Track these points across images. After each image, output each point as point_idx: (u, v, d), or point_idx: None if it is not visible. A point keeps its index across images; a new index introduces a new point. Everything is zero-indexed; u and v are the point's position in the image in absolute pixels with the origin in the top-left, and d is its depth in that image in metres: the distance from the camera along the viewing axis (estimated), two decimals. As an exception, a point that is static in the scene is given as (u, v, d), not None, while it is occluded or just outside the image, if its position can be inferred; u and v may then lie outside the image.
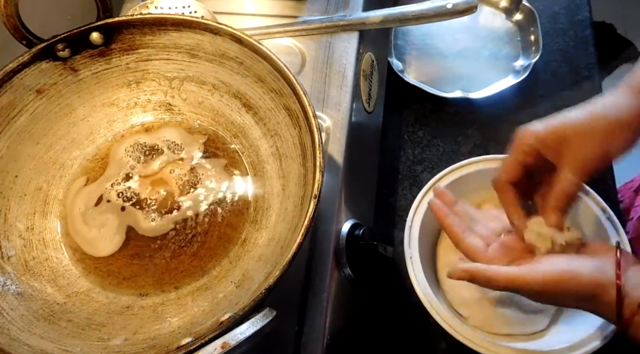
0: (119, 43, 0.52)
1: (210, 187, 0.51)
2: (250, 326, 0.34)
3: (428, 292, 0.52)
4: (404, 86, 0.74)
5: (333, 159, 0.53)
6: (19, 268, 0.46)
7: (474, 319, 0.54)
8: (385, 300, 0.62)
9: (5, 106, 0.48)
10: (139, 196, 0.51)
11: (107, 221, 0.50)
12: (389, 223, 0.67)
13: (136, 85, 0.54)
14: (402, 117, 0.75)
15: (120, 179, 0.52)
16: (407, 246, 0.54)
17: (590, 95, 0.72)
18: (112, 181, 0.52)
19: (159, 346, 0.42)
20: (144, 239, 0.49)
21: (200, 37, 0.51)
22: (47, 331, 0.43)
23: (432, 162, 0.71)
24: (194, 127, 0.54)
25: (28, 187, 0.50)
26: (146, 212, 0.50)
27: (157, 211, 0.50)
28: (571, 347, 0.48)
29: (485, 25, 0.81)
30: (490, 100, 0.72)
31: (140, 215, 0.50)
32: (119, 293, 0.47)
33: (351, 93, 0.57)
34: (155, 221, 0.49)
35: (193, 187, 0.51)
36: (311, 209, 0.39)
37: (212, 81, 0.53)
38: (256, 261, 0.46)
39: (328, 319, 0.47)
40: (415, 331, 0.60)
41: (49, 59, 0.49)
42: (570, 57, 0.77)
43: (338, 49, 0.61)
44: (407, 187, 0.70)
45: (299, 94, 0.45)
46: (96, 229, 0.50)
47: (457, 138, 0.73)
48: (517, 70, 0.75)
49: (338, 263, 0.50)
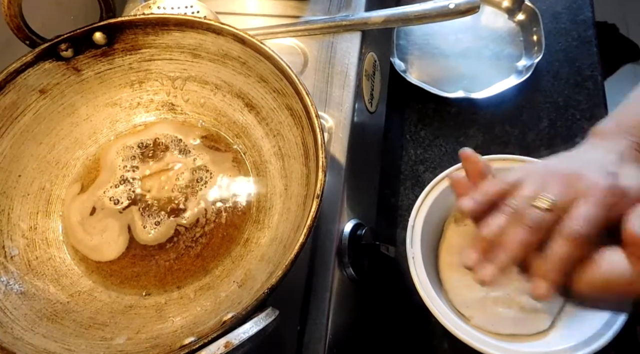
0: (121, 43, 0.52)
1: (212, 187, 0.51)
2: (253, 325, 0.34)
3: (430, 292, 0.52)
4: (406, 86, 0.75)
5: (335, 159, 0.53)
6: (22, 267, 0.47)
7: (476, 319, 0.54)
8: (388, 300, 0.62)
9: (9, 105, 0.48)
10: (139, 198, 0.51)
11: (107, 226, 0.50)
12: (391, 223, 0.67)
13: (139, 85, 0.54)
14: (404, 117, 0.75)
15: (118, 182, 0.52)
16: (410, 246, 0.54)
17: (593, 95, 0.73)
18: (108, 185, 0.51)
19: (162, 346, 0.42)
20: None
21: (202, 37, 0.51)
22: (50, 331, 0.43)
23: (435, 162, 0.71)
24: (197, 127, 0.54)
25: (31, 187, 0.50)
26: (145, 220, 0.50)
27: (157, 214, 0.50)
28: (574, 347, 0.48)
29: (488, 25, 0.81)
30: (493, 100, 0.72)
31: (139, 224, 0.50)
32: (121, 293, 0.47)
33: (353, 93, 0.57)
34: (155, 230, 0.49)
35: (195, 188, 0.51)
36: (314, 209, 0.39)
37: (215, 81, 0.53)
38: (259, 261, 0.46)
39: (330, 319, 0.47)
40: (417, 330, 0.60)
41: (52, 59, 0.49)
42: (573, 57, 0.77)
43: (340, 49, 0.61)
44: (410, 187, 0.70)
45: (302, 94, 0.45)
46: (98, 235, 0.50)
47: (459, 138, 0.73)
48: (520, 71, 0.75)
49: (340, 263, 0.50)
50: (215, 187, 0.51)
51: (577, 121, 0.72)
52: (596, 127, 0.45)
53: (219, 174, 0.52)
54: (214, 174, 0.52)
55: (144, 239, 0.49)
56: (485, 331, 0.53)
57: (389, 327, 0.60)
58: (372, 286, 0.57)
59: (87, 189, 0.52)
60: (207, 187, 0.51)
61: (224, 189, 0.51)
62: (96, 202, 0.51)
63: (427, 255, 0.56)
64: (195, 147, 0.53)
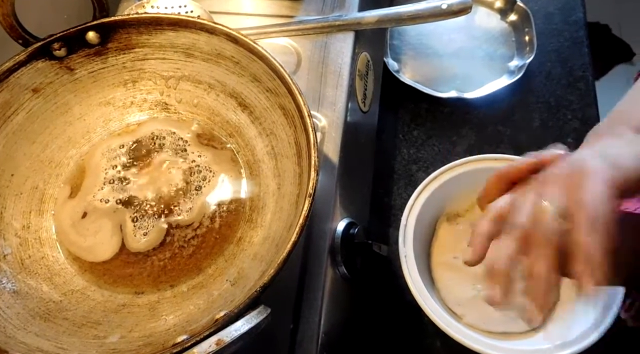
0: (115, 42, 0.52)
1: (205, 186, 0.51)
2: (245, 323, 0.35)
3: (422, 290, 0.52)
4: (399, 86, 0.75)
5: (328, 159, 0.53)
6: (15, 266, 0.47)
7: (468, 318, 0.55)
8: (380, 298, 0.62)
9: (2, 104, 0.48)
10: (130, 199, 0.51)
11: (101, 227, 0.50)
12: (384, 222, 0.67)
13: (132, 84, 0.54)
14: (397, 117, 0.75)
15: (108, 182, 0.52)
16: (402, 245, 0.54)
17: (584, 95, 0.74)
18: (96, 188, 0.51)
19: (155, 344, 0.42)
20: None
21: (196, 36, 0.51)
22: (43, 329, 0.43)
23: (427, 161, 0.72)
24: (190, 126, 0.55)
25: (24, 185, 0.50)
26: (137, 225, 0.49)
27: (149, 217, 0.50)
28: (566, 344, 0.48)
29: (480, 25, 0.82)
30: (485, 100, 0.73)
31: (131, 230, 0.49)
32: (114, 291, 0.47)
33: (347, 93, 0.58)
34: (145, 238, 0.49)
35: (188, 187, 0.51)
36: (306, 208, 0.40)
37: (208, 80, 0.54)
38: (251, 260, 0.47)
39: (323, 317, 0.47)
40: (409, 329, 0.60)
41: (45, 58, 0.49)
42: (565, 57, 0.78)
43: (334, 48, 0.61)
44: (403, 186, 0.70)
45: (294, 93, 0.45)
46: (91, 237, 0.50)
47: (452, 138, 0.73)
48: (512, 71, 0.75)
49: (333, 262, 0.50)
50: (208, 186, 0.51)
51: (569, 121, 0.72)
52: (590, 131, 0.45)
53: (212, 173, 0.52)
54: (206, 173, 0.52)
55: (135, 247, 0.49)
56: (477, 329, 0.54)
57: (382, 325, 0.61)
58: (364, 284, 0.58)
59: (77, 193, 0.51)
60: (199, 186, 0.51)
61: (217, 188, 0.51)
62: (87, 206, 0.51)
63: (420, 254, 0.56)
64: (188, 146, 0.53)
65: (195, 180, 0.51)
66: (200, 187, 0.51)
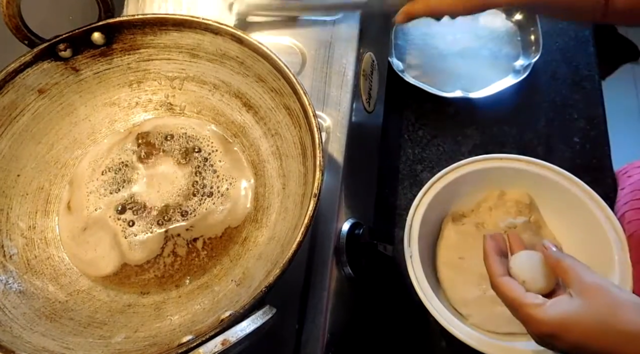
0: (120, 43, 0.52)
1: (211, 187, 0.51)
2: (250, 323, 0.35)
3: (428, 290, 0.52)
4: (404, 86, 0.75)
5: (333, 159, 0.53)
6: (21, 266, 0.47)
7: (474, 318, 0.55)
8: (385, 299, 0.62)
9: (7, 105, 0.48)
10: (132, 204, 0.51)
11: (100, 240, 0.49)
12: (389, 222, 0.67)
13: (137, 85, 0.55)
14: (402, 117, 0.75)
15: (109, 188, 0.51)
16: (407, 245, 0.54)
17: (590, 95, 0.74)
18: (100, 192, 0.51)
19: (160, 344, 0.42)
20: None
21: (201, 37, 0.51)
22: (49, 329, 0.43)
23: (432, 161, 0.72)
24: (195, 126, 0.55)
25: (30, 186, 0.50)
26: (132, 241, 0.49)
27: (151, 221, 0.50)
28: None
29: (486, 25, 0.82)
30: (490, 100, 0.72)
31: (127, 246, 0.49)
32: (120, 292, 0.47)
33: (351, 93, 0.57)
34: (144, 245, 0.49)
35: (193, 188, 0.51)
36: (311, 208, 0.40)
37: (213, 81, 0.54)
38: (256, 260, 0.47)
39: (328, 318, 0.47)
40: (415, 329, 0.60)
41: (50, 59, 0.50)
42: (570, 56, 0.78)
43: (338, 48, 0.61)
44: (407, 186, 0.70)
45: (299, 93, 0.45)
46: (92, 250, 0.49)
47: (457, 138, 0.73)
48: (517, 70, 0.75)
49: (338, 262, 0.50)
50: (213, 186, 0.51)
51: (575, 121, 0.72)
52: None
53: (217, 172, 0.52)
54: (212, 174, 0.52)
55: (134, 260, 0.49)
56: (483, 330, 0.53)
57: (387, 325, 0.61)
58: (369, 285, 0.58)
59: (73, 208, 0.51)
60: (205, 186, 0.51)
61: (223, 188, 0.51)
62: (87, 220, 0.50)
63: (425, 254, 0.56)
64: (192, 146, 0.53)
65: (199, 180, 0.51)
66: (204, 187, 0.51)
